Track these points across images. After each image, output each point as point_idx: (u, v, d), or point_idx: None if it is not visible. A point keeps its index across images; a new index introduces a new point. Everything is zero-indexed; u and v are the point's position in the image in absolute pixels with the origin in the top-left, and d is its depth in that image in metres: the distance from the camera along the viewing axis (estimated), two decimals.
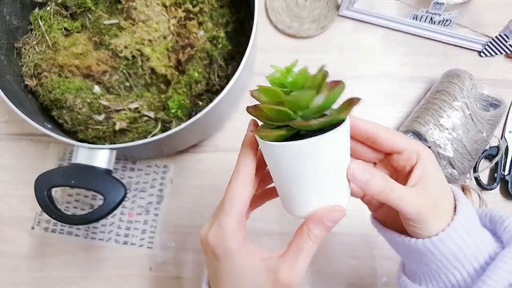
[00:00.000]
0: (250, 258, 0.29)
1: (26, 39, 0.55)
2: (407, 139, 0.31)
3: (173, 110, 0.52)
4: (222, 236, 0.28)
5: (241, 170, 0.29)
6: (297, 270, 0.28)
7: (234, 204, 0.28)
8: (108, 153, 0.46)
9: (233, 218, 0.28)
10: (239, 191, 0.28)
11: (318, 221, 0.28)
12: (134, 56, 0.54)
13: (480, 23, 0.62)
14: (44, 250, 0.55)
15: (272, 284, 0.28)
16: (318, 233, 0.28)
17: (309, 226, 0.28)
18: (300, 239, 0.28)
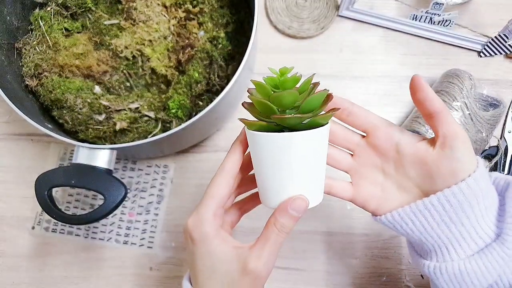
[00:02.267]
0: (223, 245, 0.31)
1: (26, 39, 0.55)
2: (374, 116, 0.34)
3: (173, 110, 0.52)
4: (199, 222, 0.31)
5: (225, 167, 0.32)
6: (264, 259, 0.29)
7: (213, 196, 0.31)
8: (109, 153, 0.46)
9: (211, 208, 0.31)
10: (220, 186, 0.31)
11: (283, 209, 0.30)
12: (135, 56, 0.54)
13: (480, 23, 0.62)
14: (45, 250, 0.55)
15: (241, 272, 0.30)
16: (283, 222, 0.30)
17: (275, 215, 0.30)
18: (267, 229, 0.30)
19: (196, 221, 0.31)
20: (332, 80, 0.61)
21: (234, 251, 0.31)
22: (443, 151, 0.30)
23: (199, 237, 0.31)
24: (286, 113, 0.30)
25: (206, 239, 0.31)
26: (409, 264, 0.53)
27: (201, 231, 0.31)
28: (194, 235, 0.31)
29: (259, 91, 0.30)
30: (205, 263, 0.31)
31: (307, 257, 0.53)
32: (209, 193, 0.32)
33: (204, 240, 0.31)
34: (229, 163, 0.32)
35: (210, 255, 0.31)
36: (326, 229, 0.54)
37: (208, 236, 0.31)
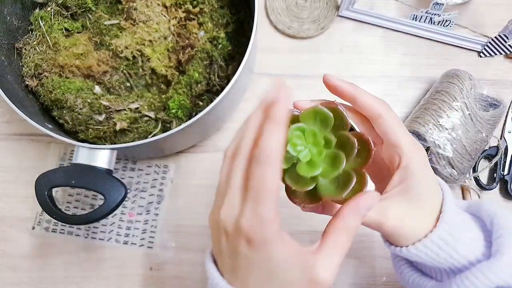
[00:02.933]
0: (286, 250, 0.26)
1: (26, 39, 0.55)
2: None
3: (174, 110, 0.52)
4: (259, 223, 0.25)
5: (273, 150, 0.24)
6: (334, 268, 0.26)
7: (271, 191, 0.25)
8: (109, 153, 0.46)
9: (272, 206, 0.25)
10: (275, 176, 0.24)
11: (355, 210, 0.27)
12: (135, 56, 0.54)
13: (480, 24, 0.62)
14: (45, 250, 0.55)
15: (307, 282, 0.26)
16: (355, 223, 0.27)
17: (346, 218, 0.27)
18: (336, 233, 0.27)
19: (256, 223, 0.25)
20: None
21: (298, 258, 0.26)
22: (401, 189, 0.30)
23: (261, 239, 0.25)
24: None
25: (267, 242, 0.25)
26: None
27: (263, 233, 0.25)
28: (254, 238, 0.25)
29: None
30: (262, 269, 0.26)
31: None
32: (263, 187, 0.24)
33: (266, 243, 0.25)
34: (277, 145, 0.24)
35: (270, 261, 0.26)
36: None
37: (271, 239, 0.25)
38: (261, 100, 0.26)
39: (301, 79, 0.61)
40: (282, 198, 0.29)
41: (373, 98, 0.31)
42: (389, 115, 0.30)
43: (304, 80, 0.61)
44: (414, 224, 0.30)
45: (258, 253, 0.26)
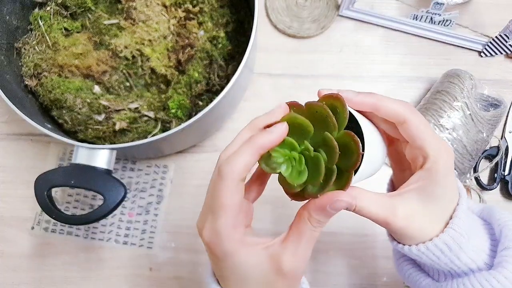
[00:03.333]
0: (251, 252, 0.27)
1: (26, 39, 0.55)
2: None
3: (173, 110, 0.52)
4: (217, 239, 0.27)
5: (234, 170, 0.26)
6: (300, 256, 0.27)
7: (226, 206, 0.26)
8: (108, 153, 0.45)
9: (228, 221, 0.26)
10: (231, 193, 0.26)
11: (321, 208, 0.27)
12: (134, 56, 0.54)
13: (480, 23, 0.62)
14: (44, 250, 0.55)
15: (275, 272, 0.27)
16: (320, 219, 0.27)
17: (310, 211, 0.27)
18: (300, 223, 0.27)
19: (213, 237, 0.27)
20: (332, 80, 0.61)
21: (265, 252, 0.27)
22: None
23: (221, 253, 0.27)
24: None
25: (231, 254, 0.27)
26: None
27: (223, 248, 0.27)
28: (216, 252, 0.27)
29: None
30: (235, 274, 0.28)
31: None
32: (218, 203, 0.26)
33: (227, 256, 0.27)
34: (238, 165, 0.26)
35: (240, 265, 0.28)
36: (326, 229, 0.54)
37: (231, 250, 0.27)
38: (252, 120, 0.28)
39: (301, 79, 0.61)
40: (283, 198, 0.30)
41: (396, 103, 0.30)
42: (414, 119, 0.29)
43: (304, 80, 0.61)
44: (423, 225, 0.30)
45: (224, 262, 0.28)
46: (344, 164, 0.27)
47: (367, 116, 0.31)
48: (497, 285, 0.29)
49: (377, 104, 0.30)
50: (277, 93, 0.60)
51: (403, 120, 0.29)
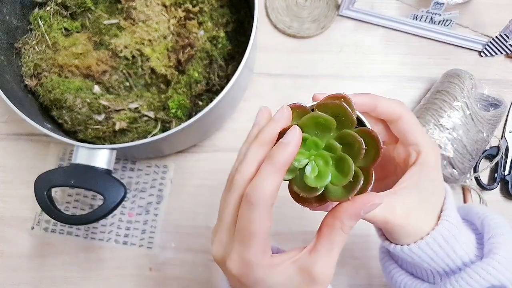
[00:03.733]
0: (281, 271, 0.27)
1: (26, 39, 0.55)
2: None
3: (173, 110, 0.52)
4: (248, 269, 0.26)
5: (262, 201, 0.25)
6: (332, 266, 0.27)
7: (257, 234, 0.25)
8: (108, 153, 0.45)
9: (258, 250, 0.26)
10: (262, 220, 0.25)
11: (354, 214, 0.26)
12: (134, 56, 0.54)
13: (480, 23, 0.62)
14: (44, 250, 0.55)
15: (308, 283, 0.27)
16: (352, 224, 0.27)
17: (343, 219, 0.27)
18: (332, 232, 0.27)
19: (244, 267, 0.26)
20: (332, 80, 0.61)
21: (294, 267, 0.27)
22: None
23: (253, 281, 0.26)
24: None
25: (263, 280, 0.26)
26: None
27: (255, 276, 0.26)
28: (247, 282, 0.26)
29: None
30: None
31: None
32: (251, 231, 0.25)
33: (260, 282, 0.26)
34: (270, 190, 0.24)
35: (273, 286, 0.27)
36: None
37: (262, 277, 0.26)
38: (264, 127, 0.27)
39: (301, 79, 0.61)
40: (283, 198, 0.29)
41: (391, 101, 0.30)
42: (407, 115, 0.30)
43: (304, 80, 0.61)
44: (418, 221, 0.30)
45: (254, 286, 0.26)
46: (363, 162, 0.25)
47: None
48: (494, 271, 0.29)
49: (375, 103, 0.30)
50: (277, 93, 0.60)
51: (398, 116, 0.30)
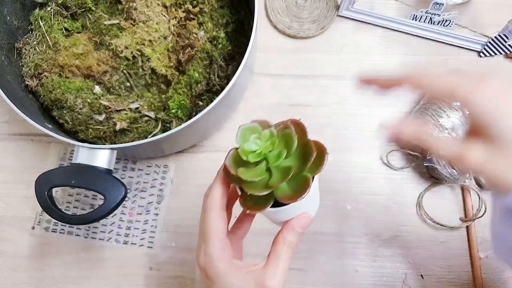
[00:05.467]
0: (238, 274, 0.32)
1: (26, 39, 0.55)
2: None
3: (174, 110, 0.52)
4: (209, 260, 0.32)
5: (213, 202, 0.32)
6: (278, 277, 0.31)
7: (213, 232, 0.32)
8: (109, 153, 0.46)
9: (216, 245, 0.32)
10: (215, 220, 0.32)
11: (291, 228, 0.32)
12: (135, 56, 0.54)
13: (480, 23, 0.62)
14: (45, 250, 0.55)
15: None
16: (291, 239, 0.32)
17: (284, 234, 0.32)
18: (277, 247, 0.32)
19: (206, 260, 0.32)
20: (332, 80, 0.61)
21: (250, 276, 0.32)
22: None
23: (214, 274, 0.32)
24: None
25: (221, 274, 0.32)
26: (409, 264, 0.53)
27: (214, 268, 0.32)
28: (209, 273, 0.32)
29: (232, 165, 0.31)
30: None
31: (307, 257, 0.53)
32: (208, 230, 0.32)
33: (219, 276, 0.32)
34: (216, 197, 0.33)
35: (228, 287, 0.32)
36: (326, 229, 0.54)
37: (222, 271, 0.32)
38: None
39: (301, 79, 0.61)
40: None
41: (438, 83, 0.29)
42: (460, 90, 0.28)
43: (304, 80, 0.61)
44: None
45: (216, 284, 0.32)
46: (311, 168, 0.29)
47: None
48: None
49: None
50: (277, 93, 0.61)
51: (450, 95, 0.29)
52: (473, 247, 0.53)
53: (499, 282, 0.52)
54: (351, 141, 0.58)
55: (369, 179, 0.56)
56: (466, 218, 0.54)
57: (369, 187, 0.56)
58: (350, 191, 0.56)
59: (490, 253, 0.52)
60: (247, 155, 0.29)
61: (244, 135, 0.31)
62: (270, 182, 0.29)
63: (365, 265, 0.53)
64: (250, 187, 0.29)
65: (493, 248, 0.39)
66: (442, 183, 0.55)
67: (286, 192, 0.30)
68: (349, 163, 0.57)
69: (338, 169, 0.57)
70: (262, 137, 0.29)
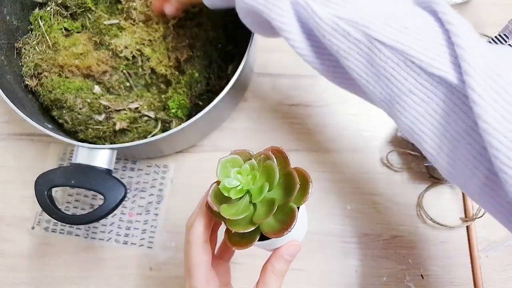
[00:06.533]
0: None
1: (26, 39, 0.55)
2: None
3: (173, 110, 0.52)
4: None
5: (195, 235, 0.32)
6: None
7: (197, 266, 0.32)
8: (108, 153, 0.46)
9: (201, 278, 0.32)
10: (199, 254, 0.32)
11: (279, 256, 0.31)
12: (134, 56, 0.54)
13: (480, 23, 0.62)
14: (44, 250, 0.55)
15: None
16: (280, 267, 0.31)
17: (272, 263, 0.31)
18: (265, 276, 0.31)
19: None
20: None
21: None
22: None
23: None
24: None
25: None
26: (409, 264, 0.53)
27: None
28: None
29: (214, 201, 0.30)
30: None
31: (307, 257, 0.53)
32: (192, 265, 0.32)
33: None
34: (198, 230, 0.32)
35: None
36: (326, 229, 0.54)
37: None
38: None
39: (301, 79, 0.61)
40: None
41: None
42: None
43: (304, 80, 0.61)
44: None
45: None
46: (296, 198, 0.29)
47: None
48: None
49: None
50: (277, 93, 0.61)
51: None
52: (473, 247, 0.52)
53: (499, 282, 0.52)
54: (351, 141, 0.58)
55: (369, 179, 0.56)
56: (466, 218, 0.54)
57: (369, 187, 0.56)
58: (350, 191, 0.56)
59: (490, 253, 0.52)
60: (228, 191, 0.28)
61: (224, 169, 0.29)
62: (255, 218, 0.28)
63: (365, 265, 0.53)
64: (234, 224, 0.29)
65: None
66: (442, 183, 0.55)
67: (272, 227, 0.29)
68: (349, 163, 0.57)
69: (337, 169, 0.57)
70: (243, 171, 0.28)
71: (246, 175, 0.28)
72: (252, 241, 0.29)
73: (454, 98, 0.28)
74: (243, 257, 0.37)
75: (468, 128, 0.27)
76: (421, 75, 0.28)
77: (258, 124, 0.59)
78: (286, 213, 0.29)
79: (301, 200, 0.29)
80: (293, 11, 0.34)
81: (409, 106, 0.30)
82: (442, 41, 0.28)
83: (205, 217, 0.32)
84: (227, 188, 0.28)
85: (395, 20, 0.30)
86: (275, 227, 0.29)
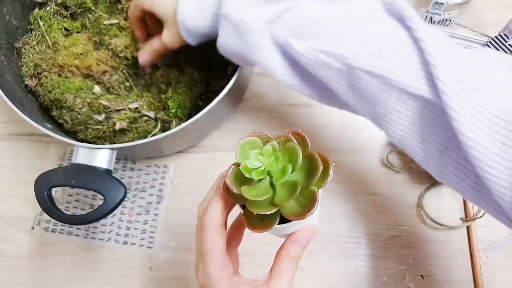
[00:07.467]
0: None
1: (26, 39, 0.55)
2: None
3: (173, 110, 0.52)
4: (209, 281, 0.31)
5: (211, 219, 0.30)
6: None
7: (213, 251, 0.30)
8: (108, 153, 0.46)
9: (216, 264, 0.30)
10: (215, 239, 0.30)
11: (294, 241, 0.31)
12: (134, 56, 0.54)
13: (480, 23, 0.62)
14: (44, 250, 0.55)
15: None
16: (295, 252, 0.31)
17: (287, 247, 0.31)
18: (280, 261, 0.31)
19: (206, 280, 0.31)
20: None
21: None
22: None
23: None
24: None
25: None
26: (409, 264, 0.53)
27: (213, 287, 0.31)
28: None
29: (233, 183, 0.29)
30: None
31: (307, 257, 0.53)
32: (207, 250, 0.30)
33: None
34: (214, 214, 0.30)
35: None
36: (326, 229, 0.54)
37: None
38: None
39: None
40: None
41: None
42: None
43: None
44: None
45: None
46: (317, 181, 0.28)
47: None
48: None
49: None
50: (277, 93, 0.60)
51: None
52: (473, 247, 0.52)
53: (499, 282, 0.51)
54: (351, 141, 0.58)
55: (369, 179, 0.56)
56: (466, 218, 0.53)
57: (369, 187, 0.56)
58: (350, 191, 0.56)
59: (490, 253, 0.52)
60: (250, 173, 0.27)
61: (243, 150, 0.28)
62: (276, 200, 0.28)
63: (365, 265, 0.53)
64: (255, 206, 0.28)
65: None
66: (442, 184, 0.55)
67: (293, 209, 0.28)
68: (349, 163, 0.57)
69: (338, 169, 0.57)
70: (265, 152, 0.28)
71: (268, 157, 0.28)
72: (272, 224, 0.28)
73: (435, 110, 0.30)
74: (244, 257, 0.37)
75: (453, 134, 0.29)
76: (402, 95, 0.31)
77: (258, 124, 0.59)
78: (307, 196, 0.28)
79: (321, 183, 0.29)
80: (277, 49, 0.37)
81: (395, 122, 0.32)
82: (416, 58, 0.31)
83: (222, 199, 0.30)
84: (249, 169, 0.27)
85: (370, 45, 0.32)
86: (296, 209, 0.28)
